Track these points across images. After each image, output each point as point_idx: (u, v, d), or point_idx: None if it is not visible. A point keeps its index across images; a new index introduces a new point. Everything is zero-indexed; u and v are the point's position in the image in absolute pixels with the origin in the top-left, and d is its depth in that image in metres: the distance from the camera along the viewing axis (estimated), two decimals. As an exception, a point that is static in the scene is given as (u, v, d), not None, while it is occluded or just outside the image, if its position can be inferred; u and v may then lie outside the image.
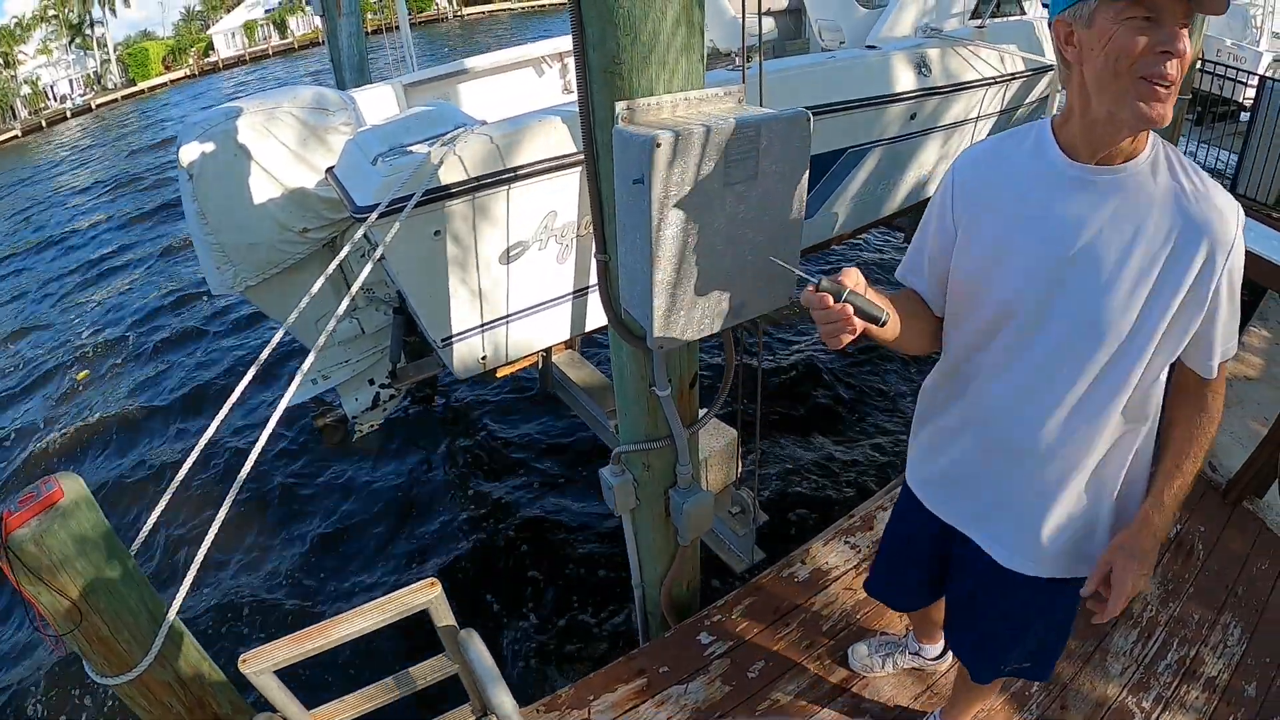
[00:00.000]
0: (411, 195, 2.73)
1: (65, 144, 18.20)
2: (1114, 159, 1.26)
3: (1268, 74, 6.98)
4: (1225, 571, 2.93)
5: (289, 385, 4.14)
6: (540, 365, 4.82)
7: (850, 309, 1.16)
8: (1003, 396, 1.46)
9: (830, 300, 1.15)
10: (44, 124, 20.90)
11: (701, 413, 2.52)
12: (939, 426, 1.66)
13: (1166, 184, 1.25)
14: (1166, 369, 1.35)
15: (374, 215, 2.66)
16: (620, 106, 1.76)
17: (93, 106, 23.94)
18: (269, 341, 2.45)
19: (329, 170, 3.33)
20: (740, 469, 3.21)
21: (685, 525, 2.58)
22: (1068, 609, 1.67)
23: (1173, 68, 1.11)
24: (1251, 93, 6.65)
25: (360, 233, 2.66)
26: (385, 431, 5.51)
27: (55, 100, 23.42)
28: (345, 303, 2.59)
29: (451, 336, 3.29)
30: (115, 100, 25.21)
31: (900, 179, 4.32)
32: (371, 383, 4.19)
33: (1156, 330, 1.28)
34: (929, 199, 4.52)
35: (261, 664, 2.04)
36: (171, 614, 2.10)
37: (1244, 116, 6.82)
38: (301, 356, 4.11)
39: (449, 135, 2.94)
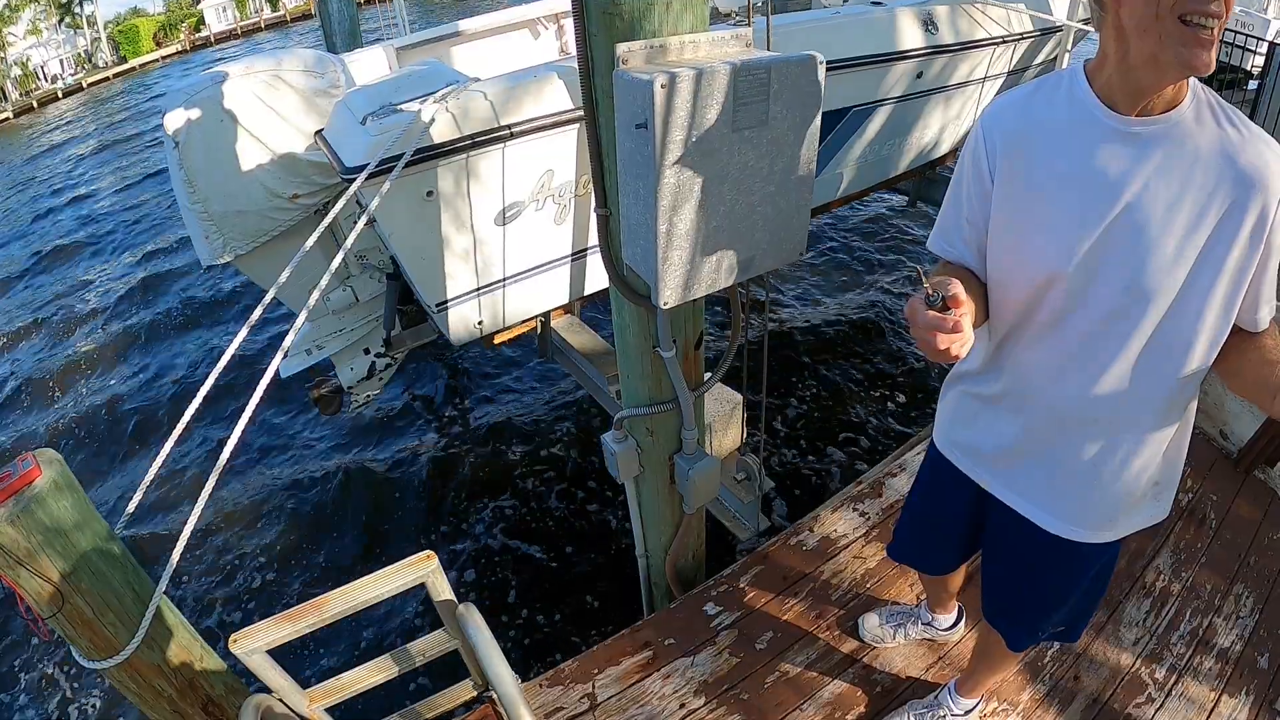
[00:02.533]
0: (402, 155, 2.60)
1: (58, 123, 17.90)
2: (1154, 109, 1.16)
3: (1277, 41, 6.81)
4: (1237, 541, 2.85)
5: (290, 360, 4.08)
6: (539, 330, 4.71)
7: (964, 323, 1.05)
8: (1046, 364, 1.37)
9: (948, 320, 1.05)
10: (36, 105, 20.51)
11: (707, 375, 2.42)
12: (976, 393, 1.57)
13: (1212, 133, 1.15)
14: (1225, 331, 1.25)
15: (362, 176, 2.54)
16: (621, 49, 1.63)
17: (84, 85, 23.55)
18: (274, 315, 2.35)
19: (318, 133, 3.20)
20: (746, 434, 3.11)
21: (691, 492, 2.49)
22: (1106, 569, 1.62)
23: (1216, 6, 1.01)
24: (1260, 60, 6.50)
25: (349, 194, 2.54)
26: (382, 401, 5.44)
27: (46, 81, 23.02)
28: (335, 263, 2.48)
29: (446, 301, 3.18)
30: (107, 79, 24.81)
31: (906, 140, 4.18)
32: (367, 352, 4.08)
33: (1211, 290, 1.19)
34: (935, 161, 4.38)
35: (252, 643, 1.95)
36: (158, 594, 2.01)
37: (1252, 85, 6.67)
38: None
39: (441, 92, 2.81)
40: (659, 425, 2.40)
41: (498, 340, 3.70)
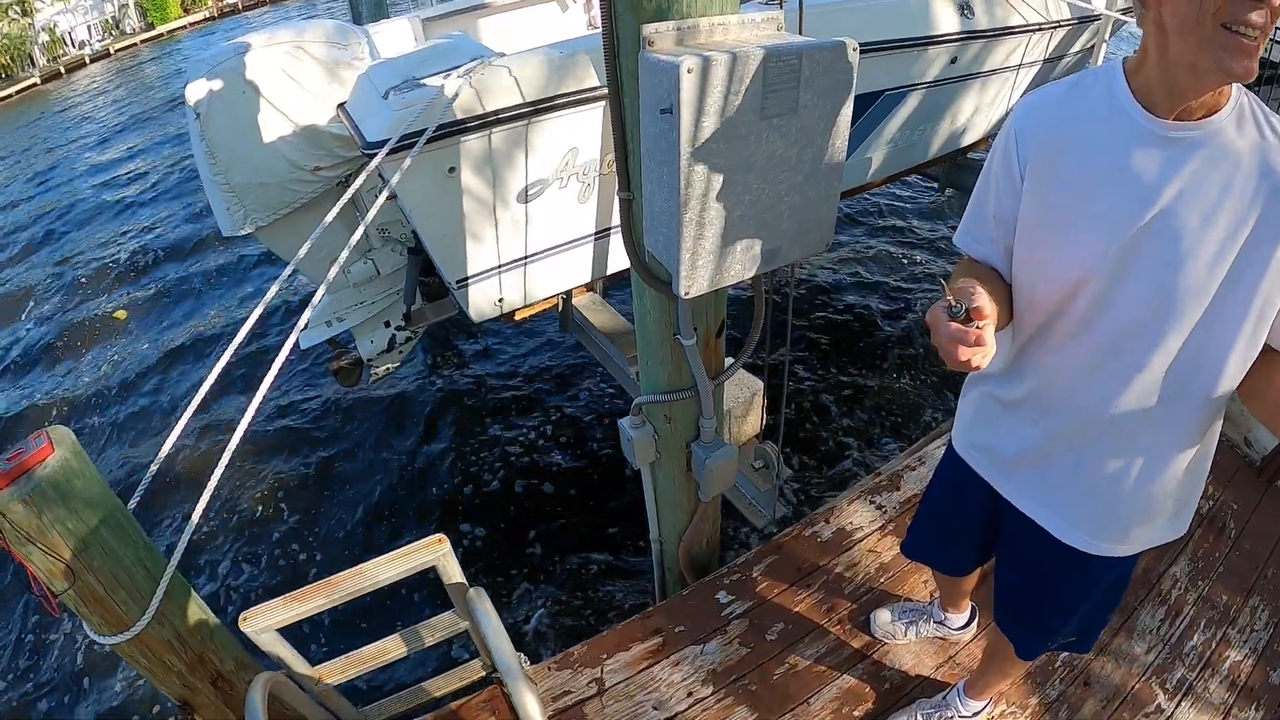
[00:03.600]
0: (424, 130, 2.57)
1: (86, 89, 17.85)
2: (1193, 113, 1.11)
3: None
4: (1257, 552, 2.79)
5: (308, 331, 4.08)
6: (560, 307, 4.68)
7: (986, 334, 1.04)
8: (1070, 371, 1.33)
9: (970, 334, 1.04)
10: (63, 70, 20.30)
11: (728, 362, 2.39)
12: (997, 396, 1.52)
13: (1253, 140, 1.10)
14: (1256, 350, 1.20)
15: (383, 152, 2.51)
16: (648, 30, 1.58)
17: (111, 52, 23.36)
18: (294, 287, 2.34)
19: (340, 106, 3.17)
20: (765, 421, 3.08)
21: (707, 481, 2.47)
22: (1121, 582, 1.59)
23: (1259, 16, 0.96)
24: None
25: (370, 169, 2.52)
26: (401, 374, 5.44)
27: (74, 46, 22.82)
28: (355, 238, 2.46)
29: (467, 278, 3.16)
30: (134, 45, 24.68)
31: (937, 126, 4.08)
32: (387, 325, 4.07)
33: (1244, 307, 1.14)
34: (966, 148, 4.28)
35: (263, 622, 1.97)
36: (169, 570, 2.01)
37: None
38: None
39: (465, 67, 2.76)
40: (677, 413, 2.37)
41: (519, 316, 3.68)
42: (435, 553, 2.14)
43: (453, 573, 2.22)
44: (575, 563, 4.10)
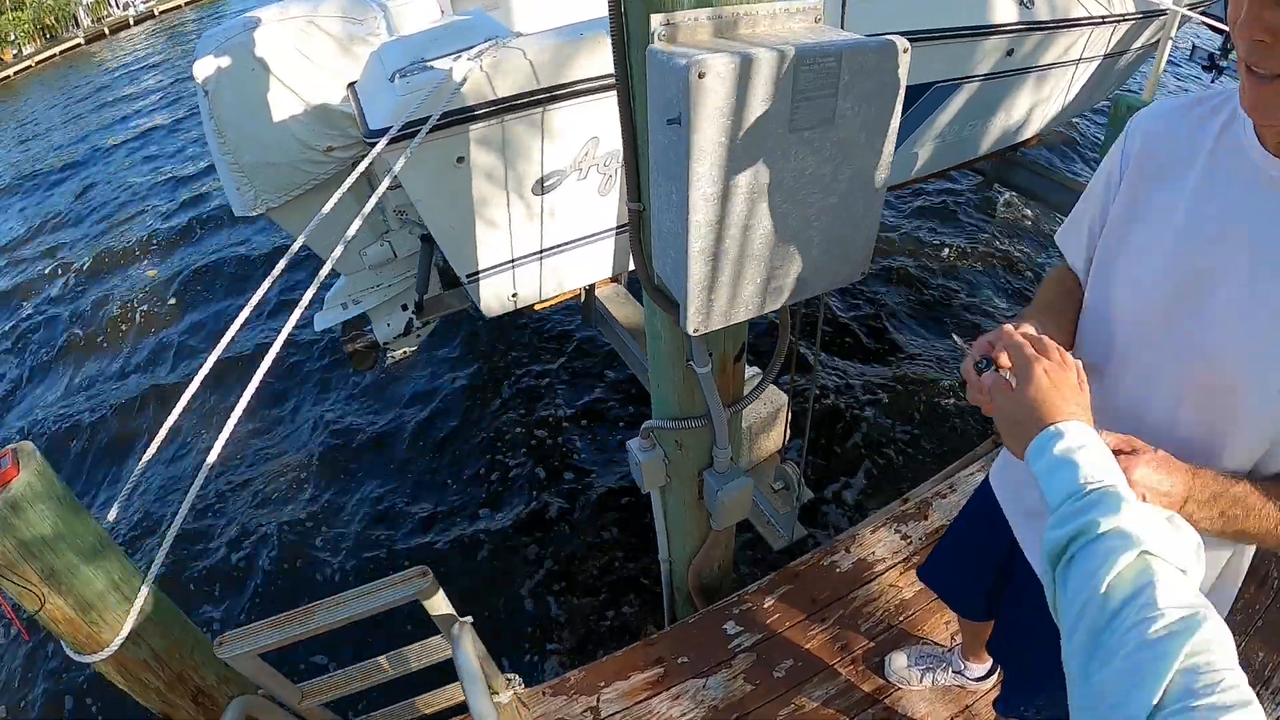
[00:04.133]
0: (428, 118, 2.30)
1: (130, 50, 17.55)
2: None
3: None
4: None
5: (320, 309, 3.88)
6: (583, 298, 4.41)
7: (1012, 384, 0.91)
8: (1110, 415, 1.12)
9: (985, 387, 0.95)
10: (107, 31, 19.98)
11: (749, 387, 2.11)
12: None
13: None
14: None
15: (383, 142, 2.24)
16: (657, 20, 1.28)
17: (155, 13, 22.93)
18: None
19: (351, 85, 2.91)
20: (788, 438, 2.80)
21: (719, 512, 2.20)
22: None
23: (1256, 53, 0.81)
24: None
25: (369, 159, 2.25)
26: (417, 358, 5.20)
27: (118, 8, 22.50)
28: (352, 230, 2.21)
29: (478, 272, 2.90)
30: (179, 6, 24.20)
31: (990, 121, 3.67)
32: (405, 308, 3.85)
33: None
34: (1017, 145, 3.87)
35: (238, 648, 1.86)
36: (143, 592, 1.86)
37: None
38: (335, 280, 3.80)
39: (477, 49, 2.48)
40: (689, 440, 2.11)
41: (537, 308, 3.43)
42: (416, 586, 1.94)
43: (438, 604, 2.02)
44: (583, 571, 3.82)
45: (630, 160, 1.61)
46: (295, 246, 2.27)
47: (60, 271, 7.55)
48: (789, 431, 2.76)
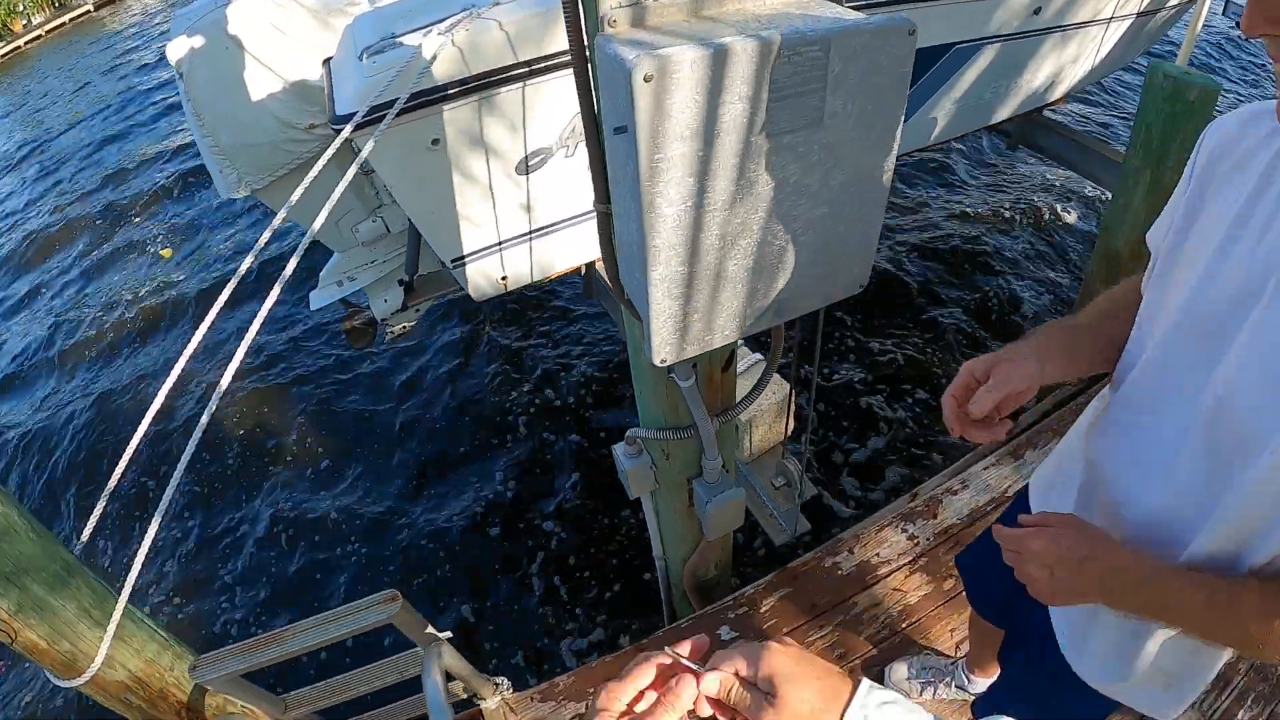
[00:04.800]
0: (396, 100, 2.02)
1: (140, 15, 16.82)
2: None
3: None
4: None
5: (319, 291, 3.66)
6: (584, 271, 4.14)
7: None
8: (1120, 445, 0.99)
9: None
10: None
11: (751, 371, 1.87)
12: (1070, 443, 1.20)
13: None
14: None
15: (348, 129, 1.97)
16: (605, 4, 1.00)
17: None
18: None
19: (325, 62, 2.63)
20: (790, 427, 2.55)
21: (710, 522, 1.98)
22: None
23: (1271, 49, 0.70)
24: None
25: (335, 146, 1.99)
26: (416, 333, 4.92)
27: None
28: (318, 222, 1.96)
29: (464, 257, 2.65)
30: (187, -34, 23.20)
31: (1013, 84, 3.25)
32: (402, 283, 3.63)
33: None
34: (1044, 108, 3.45)
35: (213, 672, 1.73)
36: (116, 615, 1.74)
37: None
38: (329, 258, 3.57)
39: (449, 21, 2.18)
40: (675, 450, 1.87)
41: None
42: (387, 610, 1.76)
43: (412, 626, 1.84)
44: (581, 565, 3.54)
45: (595, 158, 1.34)
46: (275, 223, 2.03)
47: (66, 257, 7.30)
48: (791, 422, 2.52)
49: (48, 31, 16.71)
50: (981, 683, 1.99)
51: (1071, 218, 5.33)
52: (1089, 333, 1.07)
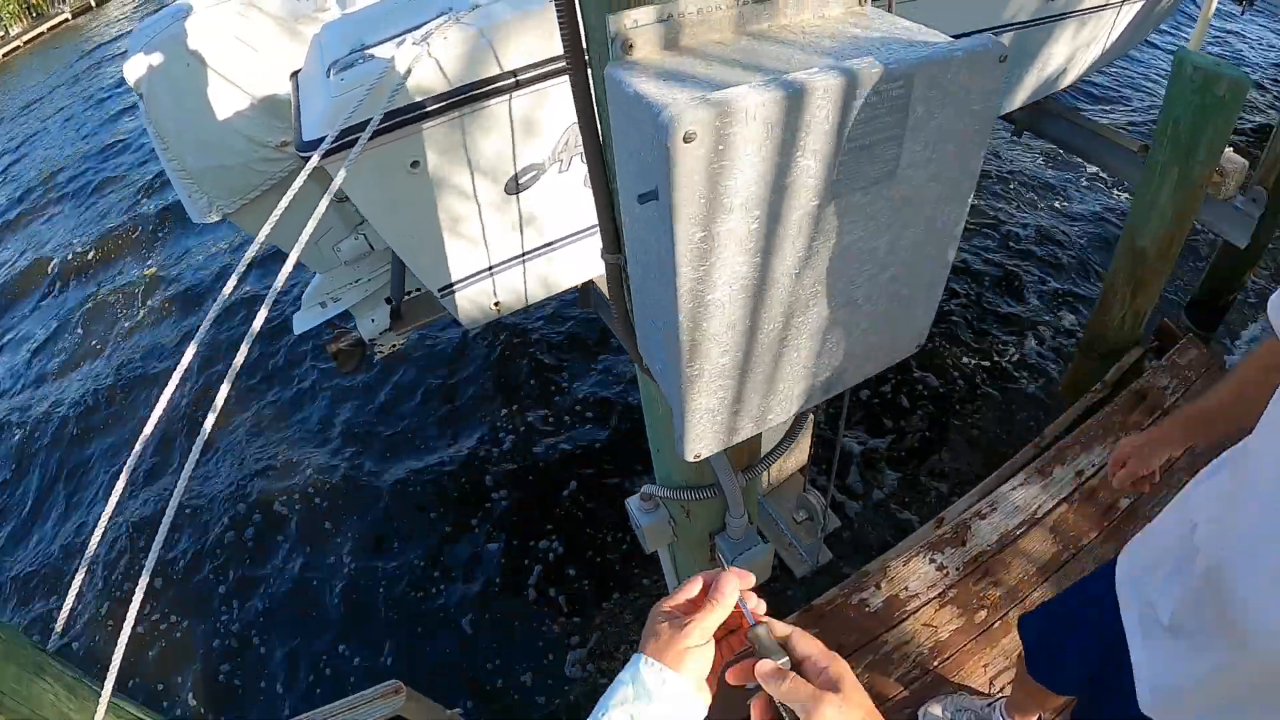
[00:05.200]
0: (369, 121, 1.76)
1: (118, 20, 16.04)
2: None
3: None
4: None
5: (302, 314, 3.40)
6: (580, 286, 3.87)
7: None
8: (1231, 514, 0.85)
9: None
10: (94, 4, 18.21)
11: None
12: (1174, 526, 1.01)
13: None
14: None
15: (315, 157, 1.71)
16: (617, 23, 0.76)
17: None
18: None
19: (293, 75, 2.35)
20: (812, 453, 2.33)
21: (732, 575, 1.77)
22: None
23: None
24: None
25: (302, 177, 1.73)
26: (407, 351, 4.61)
27: None
28: (293, 256, 1.70)
29: (452, 284, 2.40)
30: (163, -31, 22.19)
31: (1027, 71, 3.00)
32: (389, 301, 3.36)
33: None
34: (1057, 94, 3.19)
35: None
36: (100, 711, 1.51)
37: None
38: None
39: (424, 29, 1.91)
40: (698, 507, 1.66)
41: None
42: (392, 704, 1.55)
43: (421, 713, 1.63)
44: (594, 606, 3.29)
45: (603, 203, 1.10)
46: (249, 255, 1.77)
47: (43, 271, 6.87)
48: (810, 449, 2.30)
49: (26, 42, 16.04)
50: None
51: (1082, 207, 5.10)
52: (1224, 421, 0.89)
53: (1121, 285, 2.67)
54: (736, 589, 0.64)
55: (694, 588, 0.67)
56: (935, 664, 2.05)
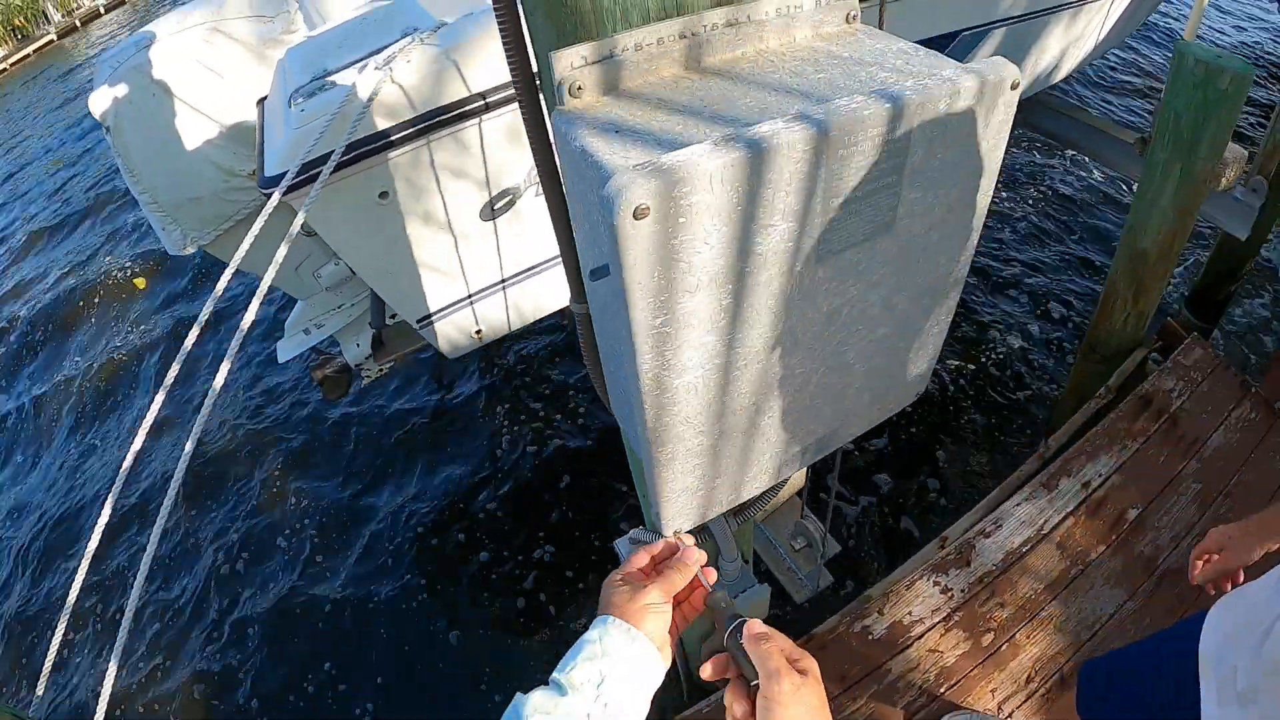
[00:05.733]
0: (331, 153, 1.63)
1: (103, 41, 15.65)
2: None
3: None
4: None
5: (286, 342, 3.26)
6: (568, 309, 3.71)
7: None
8: None
9: None
10: (79, 24, 17.88)
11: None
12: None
13: None
14: None
15: (276, 194, 1.58)
16: (560, 63, 0.63)
17: None
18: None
19: (260, 102, 2.21)
20: (808, 478, 2.20)
21: (729, 617, 1.64)
22: None
23: None
24: None
25: (265, 213, 1.60)
26: (391, 375, 4.45)
27: None
28: (267, 282, 1.58)
29: (430, 315, 2.26)
30: (149, -11, 21.68)
31: (1020, 66, 2.86)
32: (372, 332, 3.23)
33: None
34: (1052, 87, 3.02)
35: None
36: None
37: None
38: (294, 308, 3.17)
39: (386, 52, 1.77)
40: (685, 549, 1.53)
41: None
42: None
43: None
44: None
45: (567, 250, 0.97)
46: (226, 274, 1.65)
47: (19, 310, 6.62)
48: (810, 472, 2.17)
49: (12, 64, 15.78)
50: None
51: (1079, 200, 4.92)
52: None
53: (1123, 288, 2.53)
54: (699, 560, 0.72)
55: (642, 559, 0.75)
56: (943, 690, 1.92)
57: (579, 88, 0.66)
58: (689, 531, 0.93)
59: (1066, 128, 3.33)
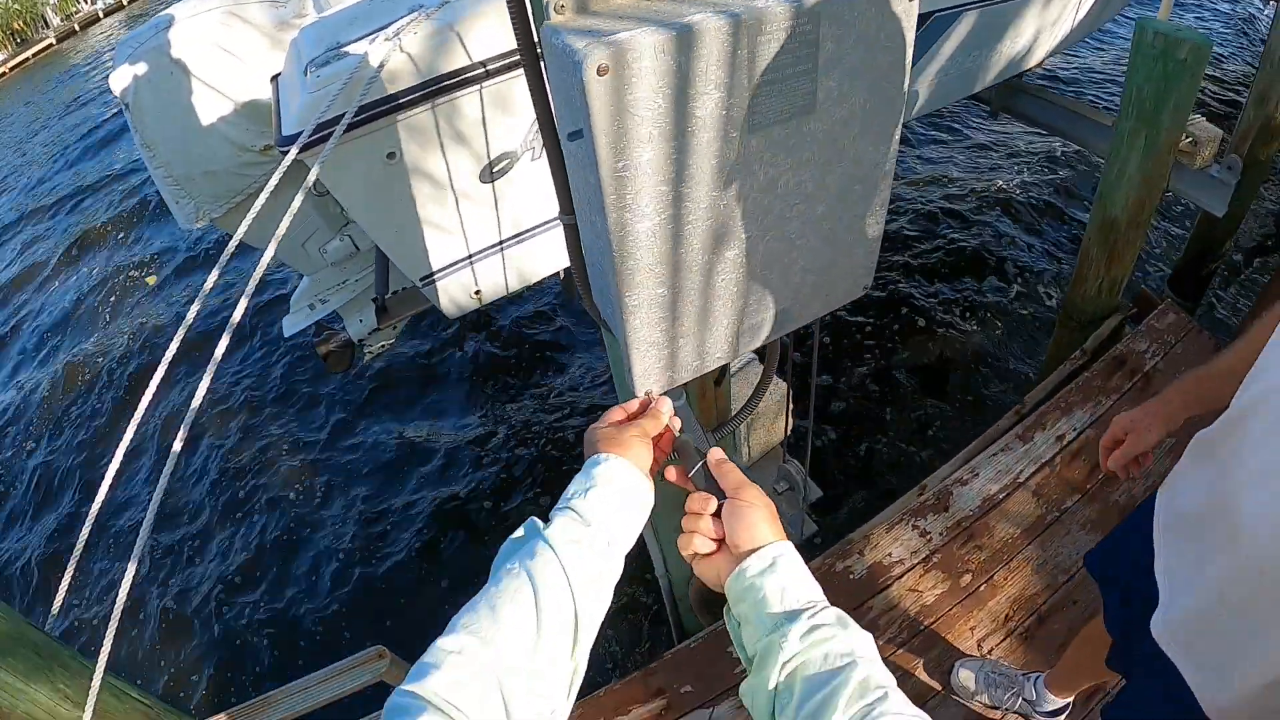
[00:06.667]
0: (344, 114, 1.83)
1: (103, 45, 16.11)
2: None
3: None
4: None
5: (291, 317, 3.46)
6: (563, 274, 3.92)
7: None
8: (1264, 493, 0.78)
9: None
10: (77, 28, 18.14)
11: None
12: (1203, 446, 0.96)
13: None
14: None
15: (294, 150, 1.78)
16: (545, -16, 0.82)
17: (124, 3, 20.91)
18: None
19: (274, 79, 2.42)
20: (790, 426, 2.38)
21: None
22: None
23: None
24: None
25: (282, 169, 1.79)
26: (394, 352, 4.68)
27: (86, 2, 20.36)
28: (269, 251, 1.76)
29: (433, 274, 2.46)
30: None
31: (995, 50, 3.04)
32: (375, 301, 3.43)
33: None
34: (1025, 73, 3.24)
35: None
36: (93, 693, 1.56)
37: None
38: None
39: (395, 25, 1.98)
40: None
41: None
42: (376, 667, 1.60)
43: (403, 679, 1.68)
44: None
45: (556, 164, 1.16)
46: (230, 248, 1.83)
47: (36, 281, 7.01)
48: (790, 421, 2.35)
49: (11, 68, 16.20)
50: (1053, 701, 1.80)
51: (1060, 183, 5.15)
52: (1233, 380, 0.88)
53: (1096, 255, 2.71)
54: (669, 409, 0.83)
55: (618, 415, 0.82)
56: (923, 626, 2.08)
57: (561, 6, 0.85)
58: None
59: (1047, 112, 3.53)
